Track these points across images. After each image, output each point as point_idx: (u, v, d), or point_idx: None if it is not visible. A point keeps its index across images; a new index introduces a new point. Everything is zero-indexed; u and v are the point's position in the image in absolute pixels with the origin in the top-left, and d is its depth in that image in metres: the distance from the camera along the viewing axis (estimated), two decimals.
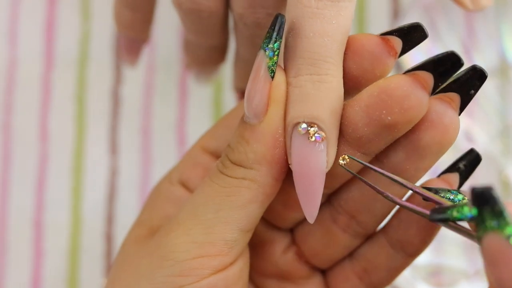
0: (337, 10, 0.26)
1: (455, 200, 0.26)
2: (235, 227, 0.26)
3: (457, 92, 0.25)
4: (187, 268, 0.26)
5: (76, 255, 0.45)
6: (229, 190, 0.26)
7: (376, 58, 0.26)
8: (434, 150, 0.26)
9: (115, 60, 0.47)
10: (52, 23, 0.47)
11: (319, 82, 0.25)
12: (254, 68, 0.26)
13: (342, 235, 0.29)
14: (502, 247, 0.21)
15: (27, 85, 0.47)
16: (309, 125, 0.25)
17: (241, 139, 0.26)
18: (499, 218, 0.21)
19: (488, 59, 0.46)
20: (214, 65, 0.39)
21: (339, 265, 0.30)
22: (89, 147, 0.46)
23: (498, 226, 0.21)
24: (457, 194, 0.26)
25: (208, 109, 0.46)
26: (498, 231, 0.21)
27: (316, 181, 0.26)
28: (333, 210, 0.29)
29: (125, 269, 0.28)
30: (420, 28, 0.26)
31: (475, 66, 0.25)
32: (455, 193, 0.26)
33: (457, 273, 0.44)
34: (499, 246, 0.21)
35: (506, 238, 0.21)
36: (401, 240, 0.28)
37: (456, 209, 0.24)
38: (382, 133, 0.25)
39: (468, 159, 0.28)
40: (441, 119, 0.25)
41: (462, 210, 0.23)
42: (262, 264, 0.30)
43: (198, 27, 0.34)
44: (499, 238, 0.21)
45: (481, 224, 0.21)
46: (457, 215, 0.23)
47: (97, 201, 0.45)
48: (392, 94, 0.25)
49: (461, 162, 0.28)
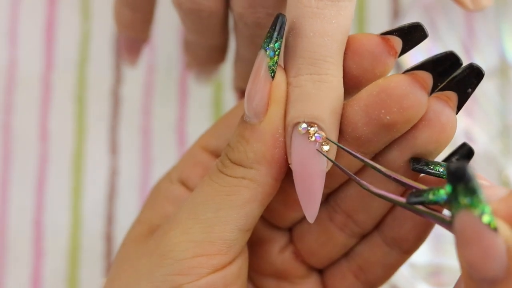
0: (337, 10, 0.26)
1: (444, 173, 0.26)
2: (234, 227, 0.26)
3: (454, 91, 0.26)
4: (186, 267, 0.26)
5: (76, 255, 0.45)
6: (229, 190, 0.26)
7: (376, 57, 0.26)
8: (431, 148, 0.26)
9: (115, 60, 0.47)
10: (52, 23, 0.47)
11: (319, 81, 0.25)
12: (254, 68, 0.26)
13: (339, 234, 0.29)
14: (474, 225, 0.21)
15: (27, 85, 0.47)
16: (309, 125, 0.25)
17: (241, 138, 0.26)
18: (472, 195, 0.21)
19: (488, 59, 0.46)
20: (214, 65, 0.39)
21: (335, 264, 0.30)
22: (89, 147, 0.46)
23: (471, 203, 0.21)
24: None
25: (208, 109, 0.46)
26: (471, 208, 0.21)
27: (316, 181, 0.26)
28: (330, 209, 0.29)
29: (124, 268, 0.28)
30: (420, 28, 0.26)
31: (472, 64, 0.25)
32: (445, 166, 0.26)
33: (457, 273, 0.44)
34: (471, 224, 0.21)
35: (479, 215, 0.21)
36: (396, 237, 0.28)
37: (432, 192, 0.24)
38: (381, 133, 0.25)
39: (461, 153, 0.28)
40: (438, 118, 0.25)
41: (438, 193, 0.24)
42: (259, 263, 0.30)
43: (198, 27, 0.34)
44: (472, 216, 0.21)
45: (454, 201, 0.21)
46: (433, 197, 0.24)
47: (97, 201, 0.45)
48: (391, 94, 0.25)
49: (454, 157, 0.28)
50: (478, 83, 0.25)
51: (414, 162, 0.26)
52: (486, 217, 0.21)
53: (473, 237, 0.21)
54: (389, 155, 0.26)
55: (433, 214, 0.25)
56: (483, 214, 0.21)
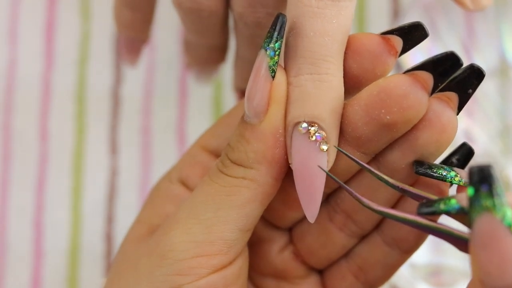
0: (337, 9, 0.26)
1: (448, 176, 0.26)
2: (235, 227, 0.26)
3: (455, 91, 0.25)
4: (186, 267, 0.26)
5: (76, 255, 0.45)
6: (229, 190, 0.26)
7: (376, 57, 0.26)
8: (431, 149, 0.26)
9: (115, 60, 0.47)
10: (52, 23, 0.47)
11: (320, 81, 0.25)
12: (254, 68, 0.26)
13: (338, 235, 0.29)
14: (496, 228, 0.20)
15: (27, 85, 0.47)
16: (309, 124, 0.25)
17: (241, 138, 0.26)
18: (496, 197, 0.20)
19: (488, 59, 0.46)
20: (214, 65, 0.39)
21: (335, 265, 0.30)
22: (89, 147, 0.46)
23: (493, 205, 0.20)
24: (450, 171, 0.26)
25: (208, 109, 0.46)
26: (493, 211, 0.20)
27: (316, 181, 0.26)
28: (330, 209, 0.29)
29: (124, 268, 0.28)
30: (421, 27, 0.26)
31: (472, 65, 0.25)
32: (448, 170, 0.26)
33: (457, 273, 0.44)
34: (492, 227, 0.20)
35: (501, 218, 0.20)
36: (396, 237, 0.28)
37: (443, 202, 0.23)
38: (381, 133, 0.25)
39: (461, 153, 0.28)
40: (439, 118, 0.25)
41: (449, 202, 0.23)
42: (259, 263, 0.30)
43: (198, 26, 0.34)
44: (493, 218, 0.20)
45: (476, 203, 0.20)
46: (444, 207, 0.23)
47: (97, 201, 0.45)
48: (392, 93, 0.25)
49: (454, 157, 0.28)
50: (478, 84, 0.25)
51: (417, 165, 0.26)
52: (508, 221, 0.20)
53: (492, 242, 0.20)
54: (389, 156, 0.26)
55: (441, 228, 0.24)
56: (505, 217, 0.20)
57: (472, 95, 0.26)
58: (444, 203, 0.23)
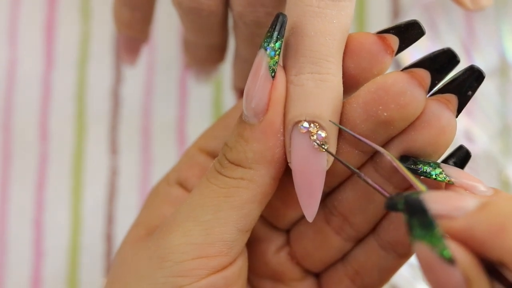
0: (338, 9, 0.26)
1: (432, 173, 0.26)
2: (234, 228, 0.26)
3: (454, 93, 0.25)
4: (187, 268, 0.26)
5: (76, 255, 0.45)
6: (227, 191, 0.26)
7: (373, 56, 0.26)
8: (430, 151, 0.26)
9: (115, 60, 0.47)
10: (52, 23, 0.47)
11: (321, 81, 0.25)
12: (253, 67, 0.26)
13: (335, 238, 0.29)
14: (429, 258, 0.22)
15: (27, 85, 0.47)
16: (310, 123, 0.25)
17: (240, 138, 0.26)
18: (427, 229, 0.21)
19: (488, 59, 0.46)
20: (214, 65, 0.39)
21: (331, 268, 0.30)
22: (89, 147, 0.46)
23: (425, 236, 0.21)
24: (435, 168, 0.26)
25: (208, 109, 0.46)
26: (425, 241, 0.22)
27: (316, 180, 0.26)
28: (327, 211, 0.29)
29: (124, 270, 0.28)
30: (417, 25, 0.26)
31: (472, 66, 0.25)
32: (434, 166, 0.26)
33: None
34: (426, 255, 0.22)
35: (433, 249, 0.21)
36: (391, 241, 0.28)
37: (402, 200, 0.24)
38: (378, 130, 0.25)
39: (458, 155, 0.28)
40: (437, 120, 0.25)
41: None
42: (255, 263, 0.30)
43: (198, 26, 0.34)
44: (426, 248, 0.22)
45: (410, 232, 0.22)
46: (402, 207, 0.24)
47: (97, 201, 0.45)
48: (389, 90, 0.25)
49: (451, 159, 0.28)
50: (478, 86, 0.25)
51: (402, 161, 0.26)
52: (441, 251, 0.21)
53: (429, 269, 0.22)
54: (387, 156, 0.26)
55: None
56: (438, 247, 0.21)
57: (471, 97, 0.26)
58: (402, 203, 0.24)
